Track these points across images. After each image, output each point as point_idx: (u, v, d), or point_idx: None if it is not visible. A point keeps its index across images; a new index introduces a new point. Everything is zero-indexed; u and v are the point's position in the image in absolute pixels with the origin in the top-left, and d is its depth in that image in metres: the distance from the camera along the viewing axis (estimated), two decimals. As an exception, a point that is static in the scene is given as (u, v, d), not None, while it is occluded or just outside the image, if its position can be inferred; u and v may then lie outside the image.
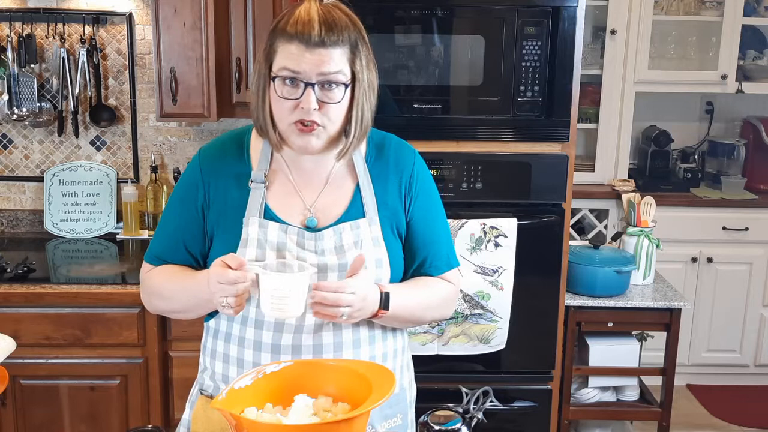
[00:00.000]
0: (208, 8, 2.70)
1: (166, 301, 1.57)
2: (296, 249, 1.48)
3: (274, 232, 1.48)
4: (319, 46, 1.39)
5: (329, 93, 1.42)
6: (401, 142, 1.63)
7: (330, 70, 1.40)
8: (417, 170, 1.60)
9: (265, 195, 1.52)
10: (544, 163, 2.61)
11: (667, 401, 2.89)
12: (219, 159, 1.55)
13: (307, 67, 1.40)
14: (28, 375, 2.59)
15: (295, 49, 1.40)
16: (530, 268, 2.64)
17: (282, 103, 1.43)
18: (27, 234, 3.17)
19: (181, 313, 1.58)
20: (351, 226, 1.51)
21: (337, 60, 1.41)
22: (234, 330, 1.53)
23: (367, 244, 1.51)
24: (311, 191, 1.54)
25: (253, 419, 1.20)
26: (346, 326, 1.51)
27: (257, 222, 1.49)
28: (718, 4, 3.84)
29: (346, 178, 1.55)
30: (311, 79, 1.40)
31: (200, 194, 1.54)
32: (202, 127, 3.17)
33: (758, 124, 4.04)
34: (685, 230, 3.78)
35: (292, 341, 1.49)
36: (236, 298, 1.35)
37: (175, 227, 1.56)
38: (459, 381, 2.08)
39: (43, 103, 3.10)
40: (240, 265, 1.35)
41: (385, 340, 1.57)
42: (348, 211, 1.53)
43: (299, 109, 1.41)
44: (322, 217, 1.52)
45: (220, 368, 1.55)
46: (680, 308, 2.83)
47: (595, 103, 3.87)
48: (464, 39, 2.60)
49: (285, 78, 1.41)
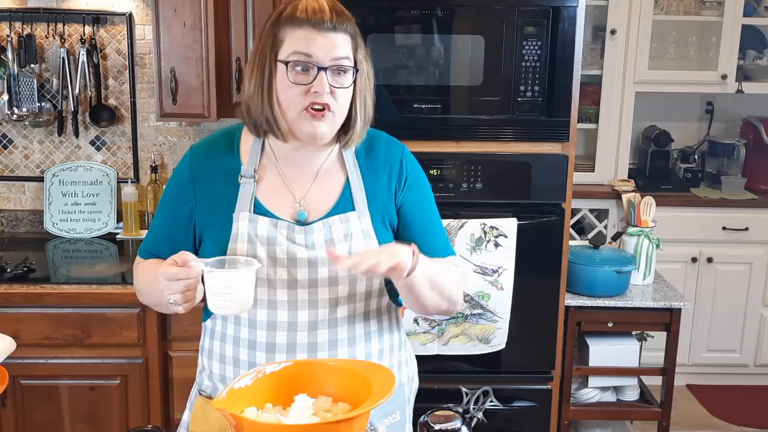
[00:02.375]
0: (208, 8, 2.70)
1: (141, 294, 1.60)
2: (286, 243, 1.48)
3: (264, 227, 1.49)
4: (331, 30, 1.42)
5: (339, 78, 1.44)
6: (390, 138, 1.64)
7: (341, 54, 1.43)
8: (405, 162, 1.60)
9: (255, 190, 1.52)
10: (544, 163, 2.61)
11: (667, 401, 2.89)
12: (209, 157, 1.56)
13: (319, 51, 1.41)
14: (28, 375, 2.59)
15: (306, 33, 1.42)
16: (530, 268, 2.64)
17: (292, 90, 1.43)
18: (27, 234, 3.17)
19: (156, 307, 1.58)
20: (341, 219, 1.51)
21: (345, 46, 1.44)
22: (229, 330, 1.54)
23: (357, 237, 1.51)
24: (301, 185, 1.54)
25: (253, 419, 1.20)
26: (341, 324, 1.51)
27: (247, 217, 1.49)
28: (718, 4, 3.84)
29: (336, 172, 1.56)
30: (324, 63, 1.42)
31: (189, 194, 1.54)
32: (202, 127, 3.17)
33: (758, 124, 4.04)
34: (685, 230, 3.78)
35: (287, 339, 1.49)
36: (182, 295, 1.35)
37: (165, 224, 1.58)
38: (459, 381, 2.08)
39: (43, 103, 3.10)
40: (185, 262, 1.35)
41: (380, 337, 1.57)
42: (338, 204, 1.53)
43: (311, 93, 1.42)
44: (312, 210, 1.52)
45: (218, 368, 1.56)
46: (680, 308, 2.84)
47: (595, 103, 3.87)
48: (464, 39, 2.60)
49: (296, 63, 1.42)
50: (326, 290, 1.49)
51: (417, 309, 1.55)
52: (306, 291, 1.49)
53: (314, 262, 1.48)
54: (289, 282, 1.48)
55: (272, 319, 1.49)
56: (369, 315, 1.55)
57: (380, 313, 1.57)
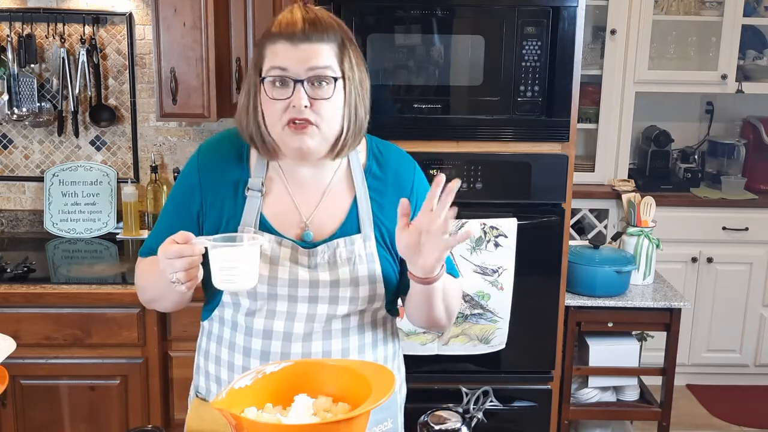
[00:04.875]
0: (208, 8, 2.70)
1: (141, 290, 1.58)
2: (289, 264, 1.47)
3: (268, 244, 1.47)
4: (304, 41, 1.40)
5: (318, 90, 1.41)
6: (401, 154, 1.61)
7: (318, 64, 1.40)
8: (417, 185, 1.58)
9: (261, 205, 1.51)
10: (544, 163, 2.61)
11: (667, 401, 2.89)
12: (217, 164, 1.54)
13: (293, 64, 1.40)
14: (28, 375, 2.59)
15: (281, 47, 1.41)
16: (530, 268, 2.64)
17: (273, 105, 1.42)
18: (27, 234, 3.17)
19: (157, 302, 1.57)
20: (346, 242, 1.49)
21: (326, 55, 1.41)
22: (225, 334, 1.53)
23: (361, 260, 1.49)
24: (308, 203, 1.52)
25: (253, 419, 1.20)
26: (336, 336, 1.51)
27: (252, 233, 1.48)
28: (718, 4, 3.84)
29: (344, 191, 1.54)
30: (300, 76, 1.40)
31: (197, 200, 1.53)
32: (202, 127, 3.17)
33: (758, 124, 4.04)
34: (685, 230, 3.78)
35: (281, 348, 1.48)
36: (185, 273, 1.33)
37: (169, 226, 1.55)
38: (459, 381, 2.09)
39: (43, 103, 3.10)
40: (186, 240, 1.33)
41: (375, 349, 1.56)
42: (344, 225, 1.51)
43: (291, 108, 1.41)
44: (317, 230, 1.51)
45: (213, 369, 1.56)
46: (680, 308, 2.84)
47: (595, 103, 3.87)
48: (464, 39, 2.60)
49: (274, 79, 1.41)
50: (326, 307, 1.49)
51: (420, 319, 1.54)
52: (306, 305, 1.48)
53: (315, 283, 1.47)
54: (289, 297, 1.48)
55: (268, 328, 1.49)
56: (364, 328, 1.54)
57: (375, 325, 1.56)
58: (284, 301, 1.48)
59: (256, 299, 1.47)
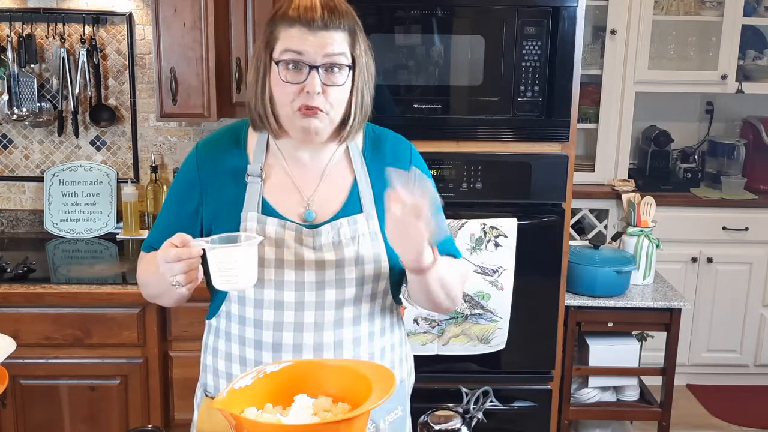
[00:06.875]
0: (208, 8, 2.70)
1: (143, 286, 1.59)
2: (294, 245, 1.48)
3: (272, 228, 1.48)
4: (322, 29, 1.41)
5: (332, 76, 1.43)
6: (397, 137, 1.64)
7: (334, 51, 1.42)
8: (414, 163, 1.59)
9: (262, 189, 1.52)
10: (544, 163, 2.61)
11: (667, 401, 2.89)
12: (216, 155, 1.55)
13: (311, 49, 1.40)
14: (28, 375, 2.59)
15: (297, 32, 1.41)
16: (530, 268, 2.64)
17: (285, 88, 1.43)
18: (27, 234, 3.17)
19: (158, 298, 1.57)
20: (349, 222, 1.51)
21: (340, 42, 1.43)
22: (233, 329, 1.53)
23: (365, 239, 1.51)
24: (308, 185, 1.54)
25: (253, 419, 1.20)
26: (347, 324, 1.51)
27: (255, 217, 1.49)
28: (718, 4, 3.84)
29: (344, 172, 1.56)
30: (316, 62, 1.41)
31: (196, 192, 1.54)
32: (202, 127, 3.17)
33: (758, 124, 4.04)
34: (685, 230, 3.78)
35: (293, 340, 1.49)
36: (184, 276, 1.34)
37: (170, 220, 1.56)
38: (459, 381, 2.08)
39: (43, 103, 3.10)
40: (184, 243, 1.34)
41: (383, 336, 1.57)
42: (346, 205, 1.53)
43: (303, 94, 1.42)
44: (319, 211, 1.52)
45: (223, 366, 1.56)
46: (680, 308, 2.84)
47: (595, 103, 3.87)
48: (464, 39, 2.60)
49: (288, 62, 1.42)
50: (333, 292, 1.49)
51: (422, 302, 1.56)
52: (313, 293, 1.49)
53: (321, 264, 1.48)
54: (296, 284, 1.48)
55: (278, 320, 1.49)
56: (374, 315, 1.55)
57: (384, 312, 1.57)
58: (291, 290, 1.48)
59: (263, 287, 1.47)
